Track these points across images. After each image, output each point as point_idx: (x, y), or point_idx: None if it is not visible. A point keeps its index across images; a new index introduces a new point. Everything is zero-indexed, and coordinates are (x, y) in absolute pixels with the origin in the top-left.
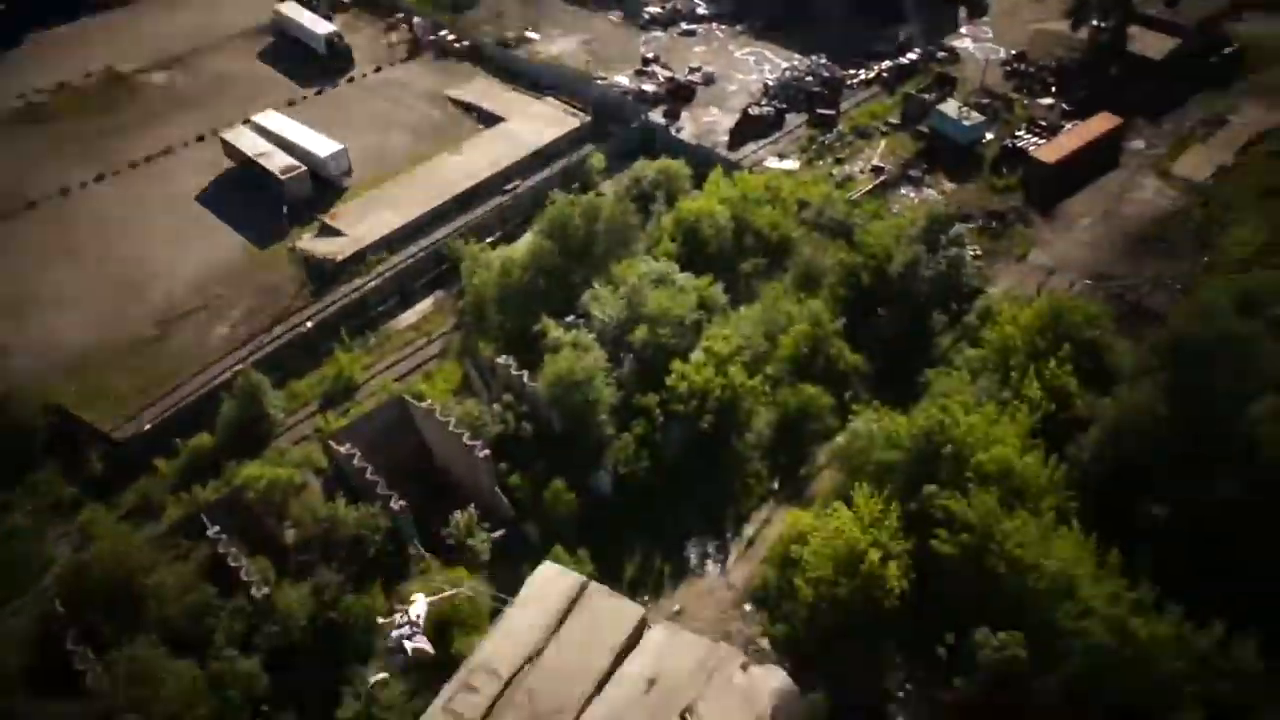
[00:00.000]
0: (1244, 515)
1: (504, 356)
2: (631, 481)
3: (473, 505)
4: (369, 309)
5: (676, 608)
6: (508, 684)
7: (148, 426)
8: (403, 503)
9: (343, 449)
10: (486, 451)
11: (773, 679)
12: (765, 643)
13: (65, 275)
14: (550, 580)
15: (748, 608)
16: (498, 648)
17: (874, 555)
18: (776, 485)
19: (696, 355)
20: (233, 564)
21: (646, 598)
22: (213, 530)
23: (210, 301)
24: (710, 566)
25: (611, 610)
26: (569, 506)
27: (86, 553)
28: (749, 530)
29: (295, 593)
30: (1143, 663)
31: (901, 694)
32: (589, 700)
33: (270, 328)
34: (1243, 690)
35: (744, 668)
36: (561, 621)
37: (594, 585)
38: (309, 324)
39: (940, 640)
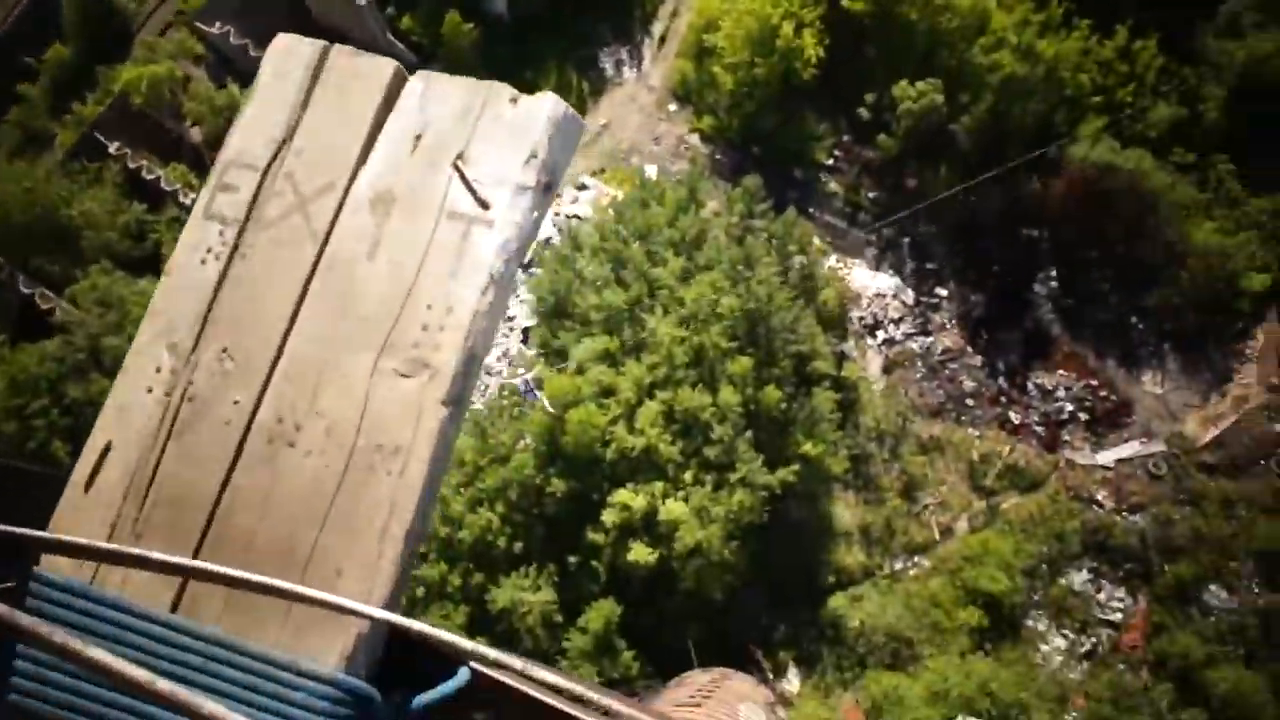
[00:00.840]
0: None
1: None
2: None
3: None
4: None
5: (603, 121)
6: (265, 174)
7: None
8: None
9: (213, 29)
10: None
11: (544, 106)
12: (695, 138)
13: None
14: (286, 53)
15: (672, 107)
16: (246, 139)
17: (788, 28)
18: None
19: None
20: (148, 176)
21: None
22: (113, 147)
23: None
24: (627, 72)
25: (362, 70)
26: (469, 37)
27: None
28: (658, 28)
29: None
30: (1052, 82)
31: (831, 160)
32: (355, 172)
33: None
34: (1140, 92)
35: (513, 101)
36: (309, 95)
37: (337, 47)
38: None
39: (862, 102)
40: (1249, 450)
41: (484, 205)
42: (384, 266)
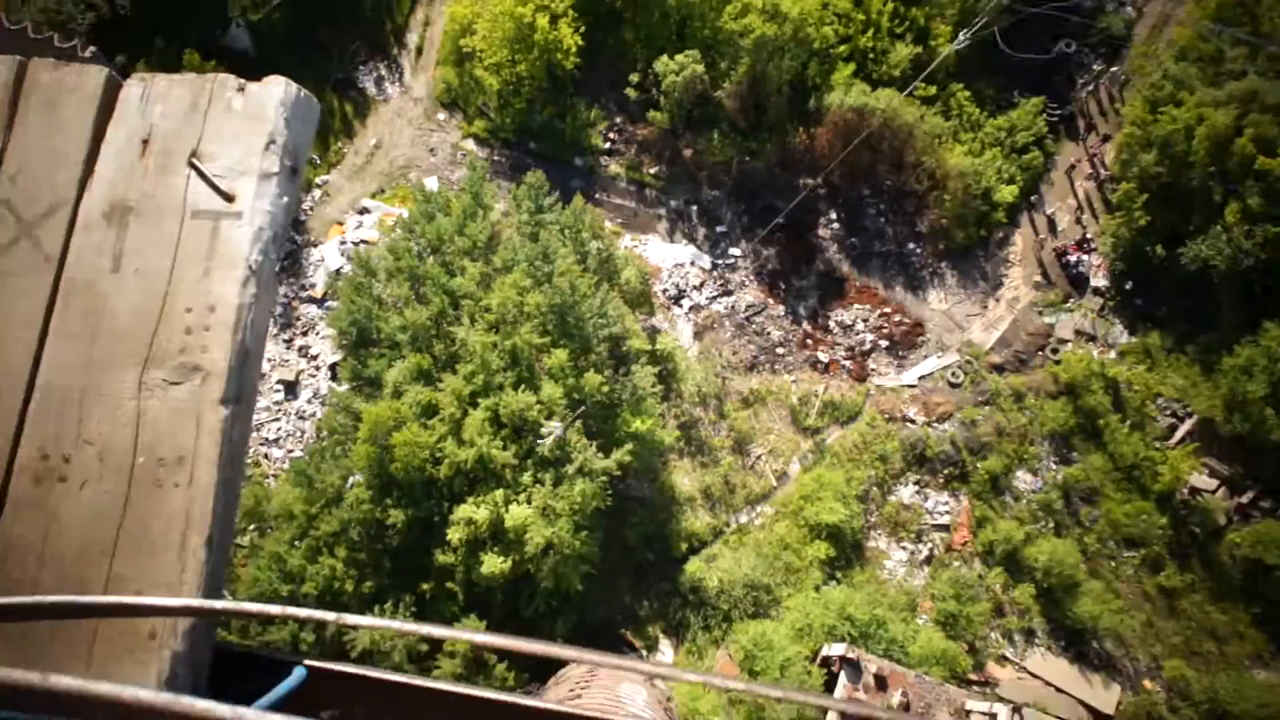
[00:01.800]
0: None
1: None
2: (274, 27)
3: None
4: None
5: (373, 142)
6: None
7: None
8: None
9: None
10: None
11: (274, 91)
12: (470, 143)
13: None
14: None
15: (442, 116)
16: None
17: (543, 21)
18: None
19: None
20: None
21: (341, 143)
22: None
23: None
24: (390, 88)
25: (69, 82)
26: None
27: None
28: (414, 39)
29: None
30: (800, 38)
31: (608, 144)
32: (82, 187)
33: None
34: (879, 36)
35: (240, 89)
36: (12, 116)
37: (36, 60)
38: None
39: (628, 83)
40: (1027, 344)
41: (228, 198)
42: (132, 278)
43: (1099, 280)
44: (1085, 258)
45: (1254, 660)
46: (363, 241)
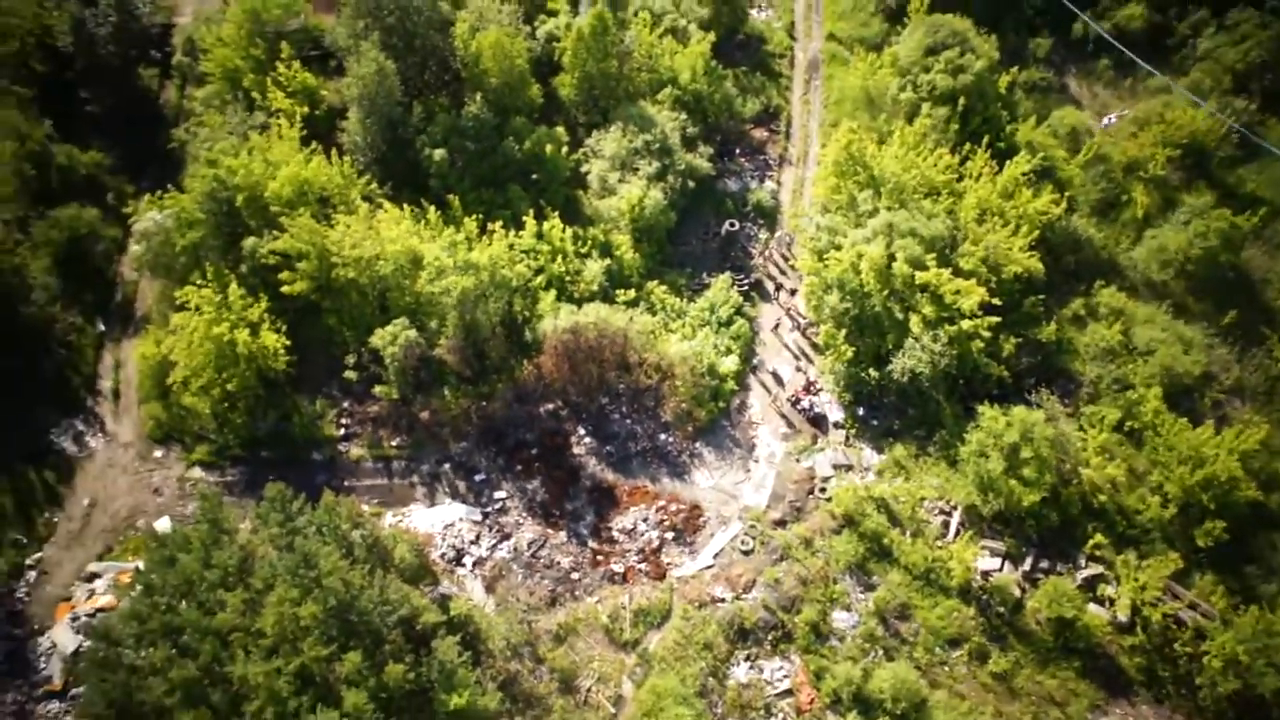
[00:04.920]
0: None
1: None
2: None
3: None
4: None
5: (86, 502)
6: None
7: None
8: None
9: None
10: None
11: None
12: (197, 471)
13: None
14: None
15: (158, 453)
16: None
17: (242, 335)
18: (103, 327)
19: None
20: None
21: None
22: None
23: None
24: (93, 441)
25: None
26: None
27: None
28: (107, 384)
29: None
30: (497, 280)
31: (342, 430)
32: None
33: None
34: (567, 259)
35: None
36: None
37: None
38: None
39: (345, 366)
40: (797, 492)
41: None
42: None
43: (835, 414)
44: (815, 399)
45: (1094, 712)
46: (99, 611)
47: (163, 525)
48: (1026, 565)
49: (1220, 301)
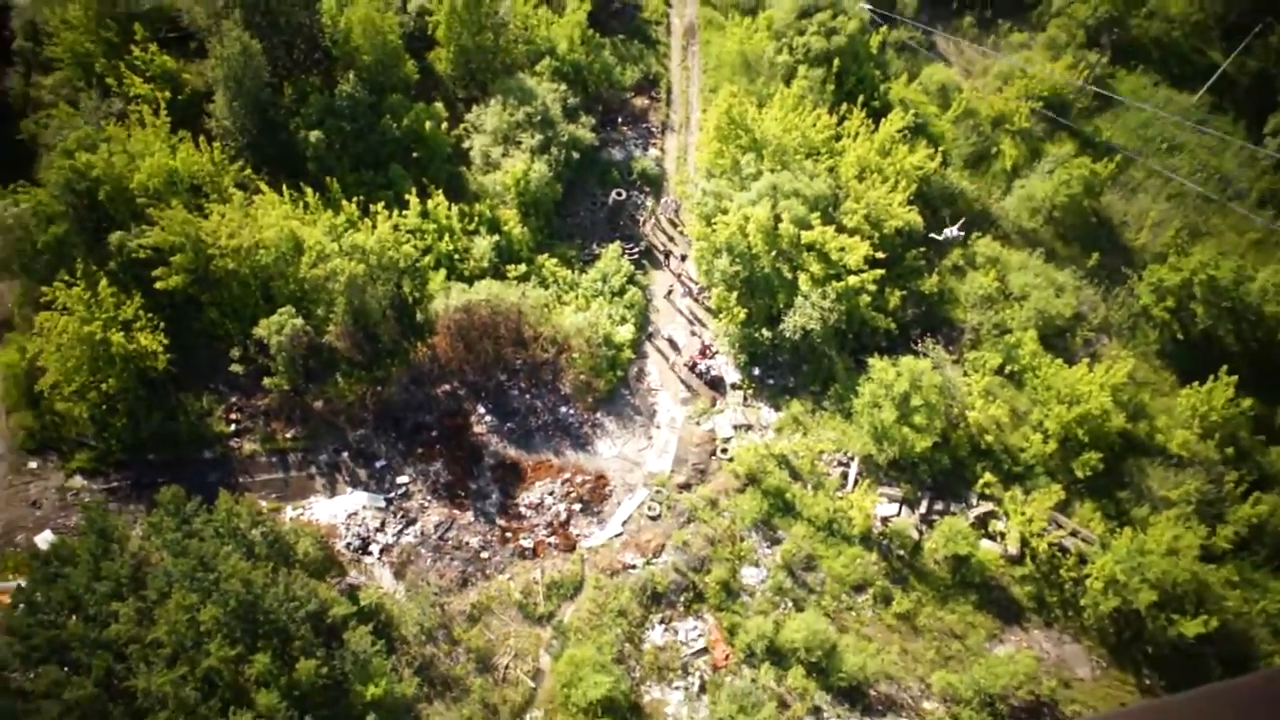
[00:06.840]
0: None
1: None
2: None
3: None
4: None
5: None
6: None
7: None
8: None
9: None
10: None
11: None
12: (79, 479)
13: None
14: None
15: (33, 464)
16: None
17: (117, 336)
18: None
19: None
20: None
21: None
22: None
23: None
24: None
25: None
26: None
27: None
28: None
29: None
30: (385, 263)
31: (233, 426)
32: None
33: None
34: (455, 237)
35: None
36: None
37: None
38: None
39: (231, 361)
40: (699, 455)
41: None
42: None
43: (732, 376)
44: (712, 362)
45: (992, 641)
46: None
47: (44, 540)
48: (923, 508)
49: (1085, 245)
